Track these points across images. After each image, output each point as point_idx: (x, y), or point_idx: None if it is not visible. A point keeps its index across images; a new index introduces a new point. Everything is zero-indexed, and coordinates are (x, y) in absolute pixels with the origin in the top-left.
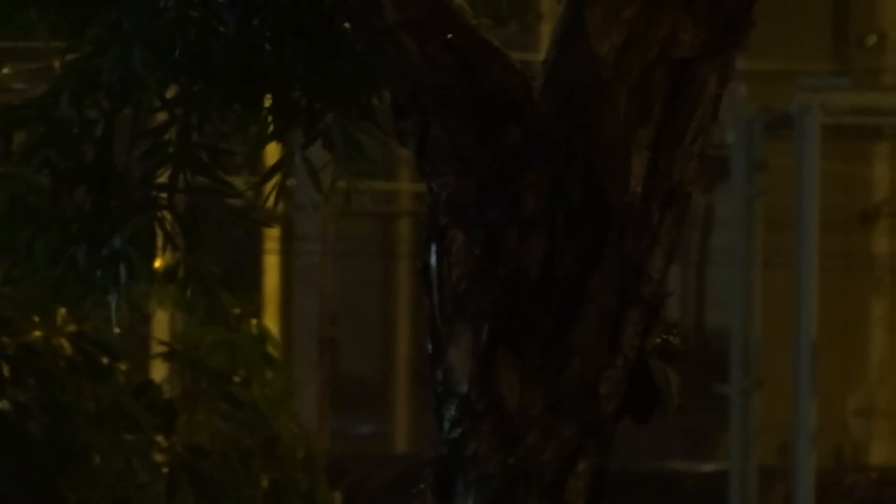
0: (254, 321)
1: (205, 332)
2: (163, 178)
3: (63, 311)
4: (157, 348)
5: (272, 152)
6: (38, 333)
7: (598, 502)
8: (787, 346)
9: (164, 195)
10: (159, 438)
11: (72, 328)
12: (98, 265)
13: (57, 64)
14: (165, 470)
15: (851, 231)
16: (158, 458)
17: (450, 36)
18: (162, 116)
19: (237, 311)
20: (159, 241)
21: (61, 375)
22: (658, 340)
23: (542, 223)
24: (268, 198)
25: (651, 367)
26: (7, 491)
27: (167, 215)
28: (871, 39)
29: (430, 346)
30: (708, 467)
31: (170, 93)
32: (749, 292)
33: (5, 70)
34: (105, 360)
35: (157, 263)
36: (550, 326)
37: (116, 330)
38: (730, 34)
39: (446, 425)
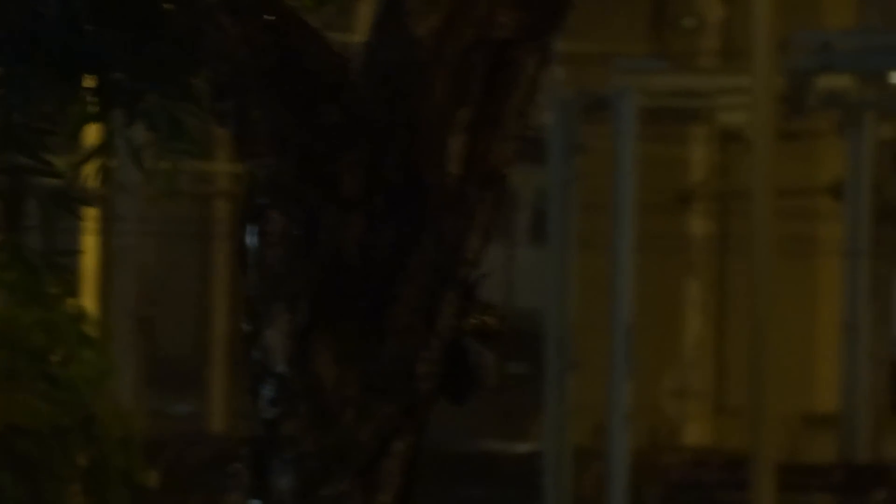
0: (71, 300)
1: (22, 311)
2: None
3: None
4: None
5: (94, 133)
6: None
7: (414, 482)
8: (605, 327)
9: None
10: None
11: None
12: None
13: None
14: None
15: (668, 213)
16: None
17: (268, 17)
18: None
19: (55, 290)
20: None
21: None
22: (474, 321)
23: (360, 204)
24: (89, 178)
25: (467, 348)
26: None
27: None
28: (688, 22)
29: (247, 327)
30: (524, 447)
31: None
32: (564, 274)
33: None
34: None
35: None
36: (367, 307)
37: None
38: (548, 16)
39: (263, 405)
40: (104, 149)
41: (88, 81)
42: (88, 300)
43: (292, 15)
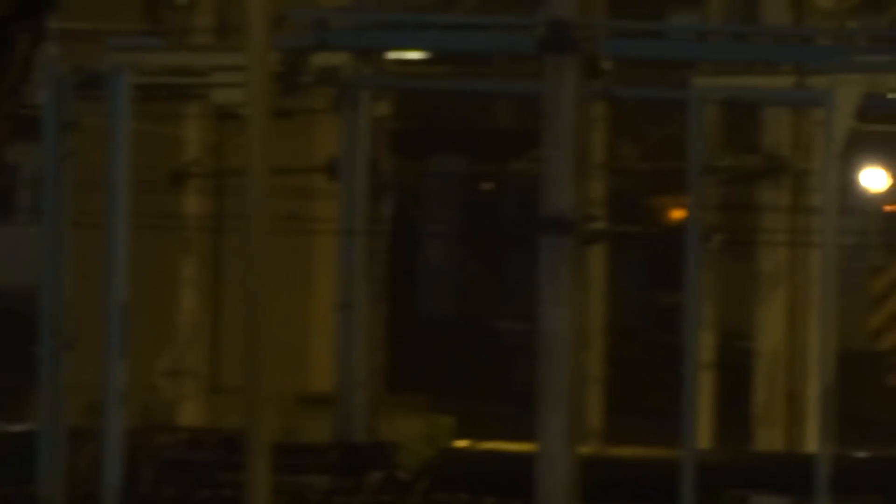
0: None
1: None
2: None
3: None
4: None
5: None
6: None
7: None
8: (100, 305)
9: None
10: None
11: None
12: None
13: None
14: None
15: (163, 191)
16: None
17: None
18: None
19: None
20: None
21: None
22: None
23: None
24: None
25: None
26: None
27: None
28: (183, 0)
29: None
30: (17, 427)
31: None
32: (58, 252)
33: None
34: None
35: None
36: None
37: None
38: None
39: None
40: None
41: None
42: None
43: None
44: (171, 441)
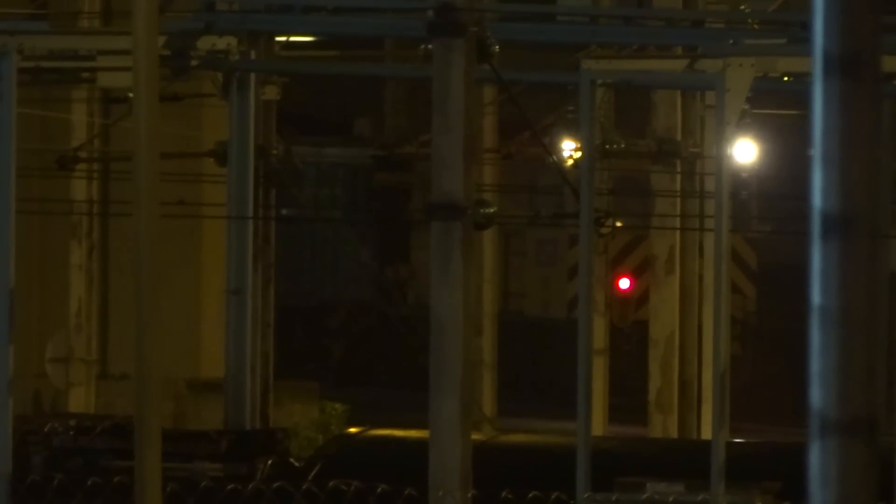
0: None
1: None
2: None
3: None
4: None
5: None
6: None
7: None
8: None
9: None
10: None
11: None
12: None
13: None
14: None
15: (51, 176)
16: None
17: None
18: None
19: None
20: None
21: None
22: None
23: None
24: None
25: None
26: None
27: None
28: None
29: None
30: None
31: None
32: None
33: None
34: None
35: None
36: None
37: None
38: None
39: None
40: None
41: None
42: None
43: None
44: (60, 428)
